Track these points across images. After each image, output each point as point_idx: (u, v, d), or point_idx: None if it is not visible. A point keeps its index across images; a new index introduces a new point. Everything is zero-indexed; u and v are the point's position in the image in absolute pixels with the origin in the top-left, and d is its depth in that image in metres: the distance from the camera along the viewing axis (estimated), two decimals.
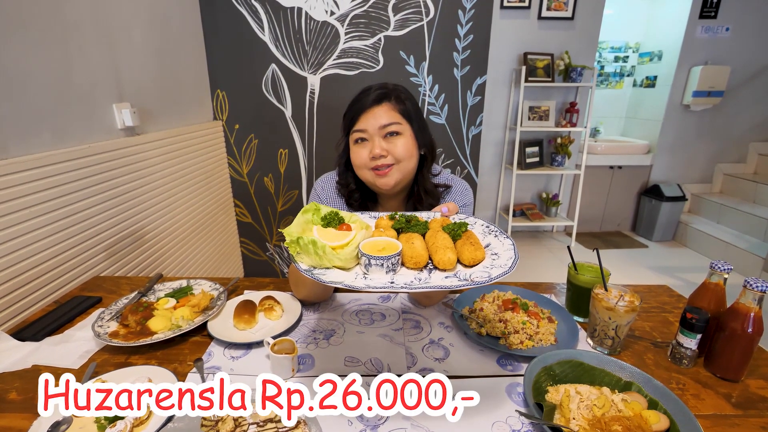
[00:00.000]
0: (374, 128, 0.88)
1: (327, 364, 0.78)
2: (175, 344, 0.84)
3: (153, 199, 1.51)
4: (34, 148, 1.04)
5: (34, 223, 1.01)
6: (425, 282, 0.58)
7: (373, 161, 0.89)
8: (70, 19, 1.15)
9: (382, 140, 0.89)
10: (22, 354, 0.80)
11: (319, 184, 1.04)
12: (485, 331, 0.85)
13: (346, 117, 0.94)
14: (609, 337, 0.81)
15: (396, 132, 0.90)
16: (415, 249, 0.61)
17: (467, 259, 0.61)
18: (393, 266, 0.59)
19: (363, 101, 0.90)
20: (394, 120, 0.89)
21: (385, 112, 0.89)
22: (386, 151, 0.89)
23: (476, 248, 0.62)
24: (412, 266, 0.61)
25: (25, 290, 0.99)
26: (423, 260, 0.61)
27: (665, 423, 0.61)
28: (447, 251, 0.60)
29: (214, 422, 0.61)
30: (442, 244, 0.62)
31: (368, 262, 0.59)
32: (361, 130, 0.90)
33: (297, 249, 0.60)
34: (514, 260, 0.59)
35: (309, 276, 0.57)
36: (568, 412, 0.62)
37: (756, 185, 3.45)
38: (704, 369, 0.78)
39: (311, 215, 0.68)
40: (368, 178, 0.93)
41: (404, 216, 0.72)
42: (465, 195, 1.02)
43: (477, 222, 0.73)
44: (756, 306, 0.70)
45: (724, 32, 3.36)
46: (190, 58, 1.85)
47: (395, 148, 0.89)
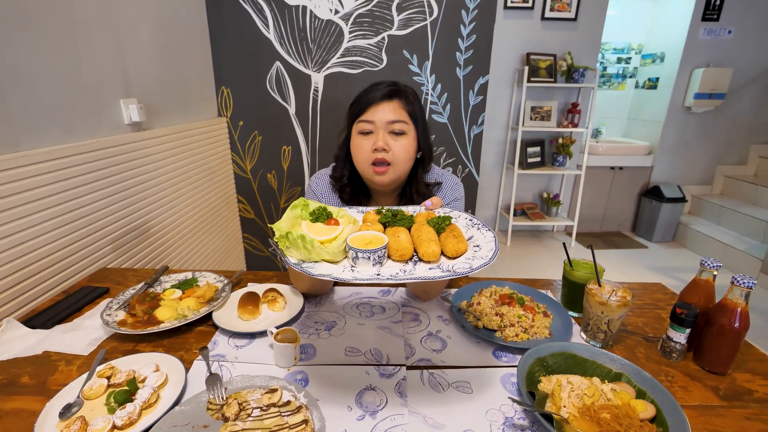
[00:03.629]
0: (382, 122, 0.90)
1: (328, 353, 0.81)
2: (181, 333, 0.87)
3: (158, 194, 1.54)
4: (44, 142, 1.07)
5: (43, 215, 1.04)
6: (410, 273, 0.60)
7: (374, 153, 0.91)
8: (79, 17, 1.18)
9: (387, 135, 0.91)
10: (34, 341, 0.82)
11: (314, 180, 1.06)
12: (482, 324, 0.87)
13: (353, 107, 0.95)
14: (601, 330, 0.83)
15: (401, 131, 0.91)
16: (400, 242, 0.63)
17: (450, 251, 0.63)
18: (379, 259, 0.61)
19: (374, 93, 0.91)
20: (402, 118, 0.91)
21: (394, 110, 0.91)
22: (388, 146, 0.90)
23: (459, 241, 0.64)
24: (398, 259, 0.63)
25: (34, 280, 1.02)
26: (408, 253, 0.63)
27: (652, 411, 0.63)
28: (431, 244, 0.62)
29: (220, 406, 0.64)
30: (426, 237, 0.64)
31: (355, 255, 0.61)
32: (368, 121, 0.91)
33: (286, 244, 0.62)
34: (495, 251, 0.61)
35: (298, 270, 0.59)
36: (559, 401, 0.65)
37: (756, 187, 3.46)
38: (693, 363, 0.80)
39: (300, 210, 0.69)
40: (366, 173, 0.95)
41: (390, 210, 0.74)
42: (455, 190, 1.04)
43: (461, 216, 0.75)
44: (743, 302, 0.73)
45: (727, 35, 3.36)
46: (196, 55, 1.87)
47: (397, 147, 0.91)
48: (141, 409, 0.63)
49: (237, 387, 0.69)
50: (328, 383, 0.72)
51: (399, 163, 0.92)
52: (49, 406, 0.64)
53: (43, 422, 0.60)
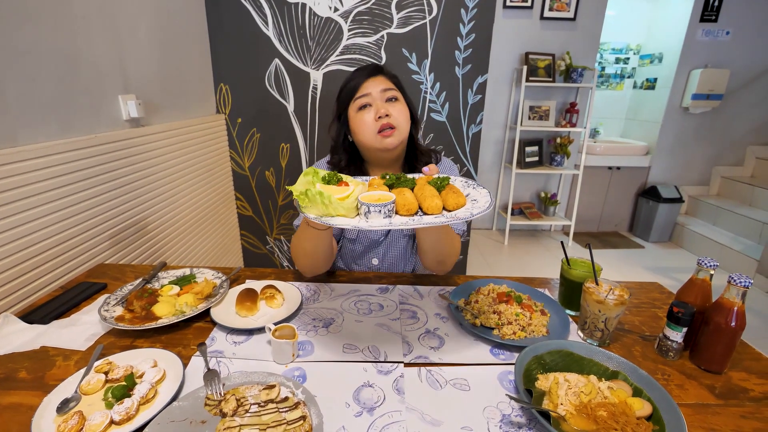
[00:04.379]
0: (377, 91, 1.01)
1: (326, 350, 0.81)
2: (179, 329, 0.87)
3: (156, 190, 1.53)
4: (43, 137, 1.06)
5: (41, 210, 1.04)
6: (418, 221, 0.66)
7: (379, 121, 1.00)
8: (78, 12, 1.17)
9: (385, 103, 1.01)
10: (31, 336, 0.82)
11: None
12: (479, 322, 0.88)
13: (342, 93, 1.05)
14: (599, 329, 0.83)
15: (395, 98, 1.03)
16: (406, 198, 0.69)
17: (451, 204, 0.70)
18: (389, 212, 0.67)
19: (360, 74, 1.03)
20: (392, 87, 1.03)
21: (383, 81, 1.03)
22: (389, 111, 1.00)
23: (458, 195, 0.71)
24: (405, 213, 0.69)
25: (31, 275, 1.02)
26: (414, 207, 0.69)
27: (648, 409, 0.64)
28: (434, 198, 0.69)
29: (218, 402, 0.64)
30: (429, 194, 0.70)
31: (368, 210, 0.66)
32: (365, 95, 1.01)
33: (306, 201, 0.66)
34: (491, 202, 0.69)
35: (319, 222, 0.65)
36: (556, 398, 0.65)
37: (752, 188, 3.49)
38: (689, 361, 0.80)
39: (311, 177, 0.73)
40: (374, 143, 1.01)
41: (394, 175, 0.79)
42: (452, 170, 1.15)
43: (457, 179, 0.82)
44: (739, 301, 0.73)
45: (725, 36, 3.38)
46: (195, 52, 1.87)
47: (396, 111, 1.01)
48: (139, 405, 0.63)
49: (235, 383, 0.69)
50: (326, 380, 0.72)
51: (401, 124, 1.02)
52: (46, 400, 0.63)
53: (41, 417, 0.60)
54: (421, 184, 0.75)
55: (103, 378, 0.68)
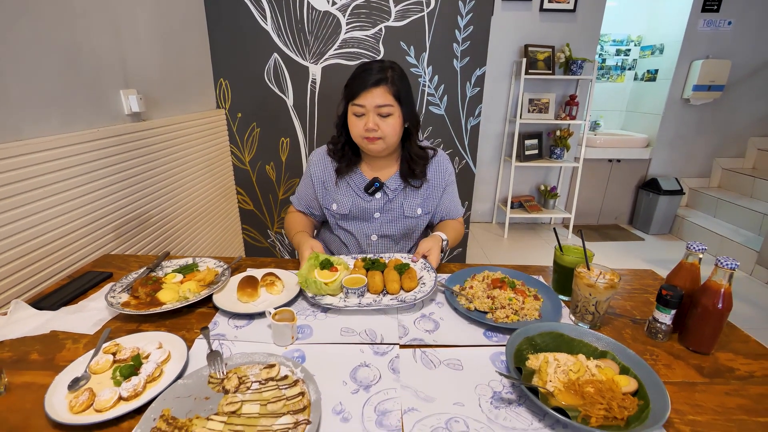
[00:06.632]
0: (371, 106, 1.07)
1: (324, 333, 0.83)
2: (183, 314, 0.90)
3: (158, 184, 1.56)
4: (45, 131, 1.09)
5: (46, 202, 1.07)
6: (378, 303, 0.92)
7: (366, 132, 1.08)
8: (78, 8, 1.19)
9: (376, 117, 1.07)
10: (41, 321, 0.85)
11: (313, 157, 1.26)
12: (474, 307, 0.90)
13: (348, 87, 1.11)
14: (590, 312, 0.86)
15: (388, 114, 1.08)
16: (375, 281, 0.97)
17: (406, 287, 0.97)
18: (361, 293, 0.96)
19: (364, 80, 1.06)
20: (388, 102, 1.07)
21: (381, 94, 1.06)
22: (377, 126, 1.08)
23: (412, 281, 0.98)
24: (373, 292, 0.97)
25: (40, 265, 1.05)
26: (380, 289, 0.96)
27: (634, 385, 0.66)
28: (394, 283, 0.97)
29: (221, 380, 0.67)
30: (391, 279, 0.98)
31: (346, 291, 0.95)
32: (360, 105, 1.08)
33: (305, 285, 0.94)
34: (433, 288, 0.96)
35: (313, 301, 0.93)
36: (545, 376, 0.68)
37: (754, 180, 3.48)
38: (678, 343, 0.83)
39: (313, 261, 1.00)
40: (361, 144, 1.14)
41: (371, 259, 1.08)
42: (446, 166, 1.26)
43: (419, 262, 1.09)
44: (726, 283, 0.75)
45: (726, 26, 3.36)
46: (194, 47, 1.89)
47: (385, 126, 1.08)
48: (145, 383, 0.66)
49: (237, 363, 0.71)
50: (324, 360, 0.75)
51: (387, 137, 1.10)
52: (57, 379, 0.67)
53: (53, 394, 0.63)
54: (389, 268, 1.01)
55: (111, 358, 0.71)
